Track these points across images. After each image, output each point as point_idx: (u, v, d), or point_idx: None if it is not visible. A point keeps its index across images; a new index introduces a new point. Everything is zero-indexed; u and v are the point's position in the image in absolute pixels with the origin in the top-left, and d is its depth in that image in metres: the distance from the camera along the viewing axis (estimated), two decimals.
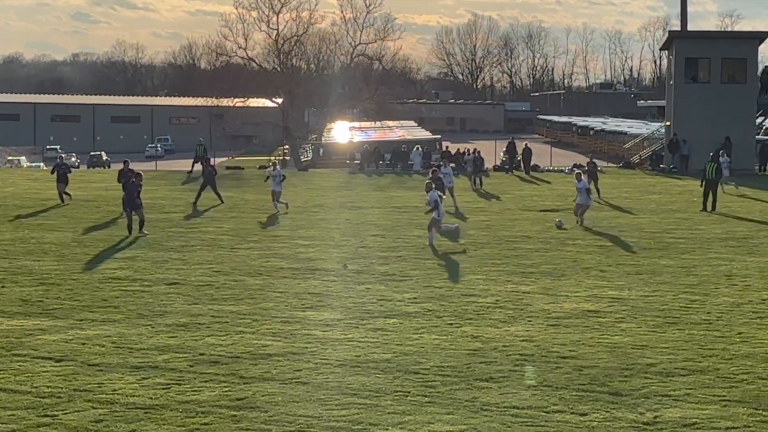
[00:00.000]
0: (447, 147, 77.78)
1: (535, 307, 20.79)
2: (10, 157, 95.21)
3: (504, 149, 68.67)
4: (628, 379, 15.14)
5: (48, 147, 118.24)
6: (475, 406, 13.75)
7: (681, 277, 24.64)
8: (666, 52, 79.18)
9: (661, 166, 66.63)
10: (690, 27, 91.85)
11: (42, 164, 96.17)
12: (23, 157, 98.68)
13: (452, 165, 64.34)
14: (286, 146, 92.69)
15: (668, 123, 69.94)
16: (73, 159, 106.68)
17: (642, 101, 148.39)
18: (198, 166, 57.68)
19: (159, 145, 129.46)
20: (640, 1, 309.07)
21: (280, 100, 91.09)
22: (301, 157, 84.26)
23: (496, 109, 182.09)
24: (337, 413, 13.42)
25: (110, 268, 25.65)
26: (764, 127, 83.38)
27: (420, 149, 67.46)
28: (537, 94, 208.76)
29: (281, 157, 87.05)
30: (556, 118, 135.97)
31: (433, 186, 32.26)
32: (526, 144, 65.53)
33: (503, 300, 21.49)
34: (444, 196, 32.46)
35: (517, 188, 52.17)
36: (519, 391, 14.44)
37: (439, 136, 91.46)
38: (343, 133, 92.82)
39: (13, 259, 26.96)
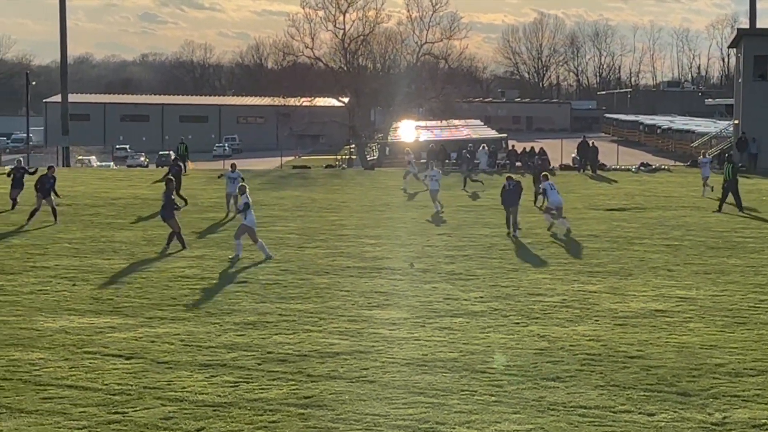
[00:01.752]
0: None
1: (602, 306, 20.72)
2: (80, 157, 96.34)
3: (576, 149, 68.15)
4: (697, 379, 15.04)
5: (117, 146, 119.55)
6: (542, 406, 13.74)
7: (750, 276, 24.41)
8: (734, 50, 78.29)
9: None
10: (759, 24, 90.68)
11: (111, 163, 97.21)
12: (93, 157, 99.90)
13: (518, 163, 64.48)
14: (353, 145, 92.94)
15: (737, 121, 69.13)
16: (142, 158, 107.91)
17: (710, 99, 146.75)
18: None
19: (226, 145, 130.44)
20: None
21: (346, 100, 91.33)
22: (367, 156, 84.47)
23: (562, 108, 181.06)
24: (403, 412, 13.48)
25: (179, 266, 25.89)
26: None
27: (486, 148, 67.14)
28: (603, 92, 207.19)
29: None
30: (622, 117, 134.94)
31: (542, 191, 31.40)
32: (592, 143, 65.06)
33: (570, 299, 21.43)
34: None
35: (584, 187, 51.84)
36: (586, 391, 14.40)
37: (505, 135, 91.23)
38: (408, 132, 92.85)
39: (83, 258, 27.31)
